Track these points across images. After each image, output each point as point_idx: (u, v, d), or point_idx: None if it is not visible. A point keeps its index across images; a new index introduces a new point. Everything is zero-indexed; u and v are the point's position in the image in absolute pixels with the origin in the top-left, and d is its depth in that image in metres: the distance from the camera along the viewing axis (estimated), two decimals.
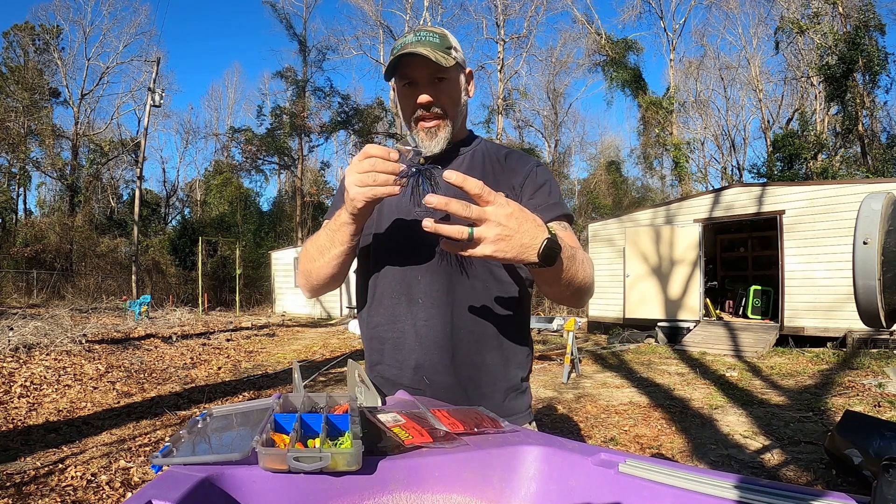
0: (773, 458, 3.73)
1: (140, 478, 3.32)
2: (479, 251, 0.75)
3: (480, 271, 1.06)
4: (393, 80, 1.09)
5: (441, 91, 1.05)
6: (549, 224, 0.82)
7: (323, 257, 1.02)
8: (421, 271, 1.06)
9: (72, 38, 33.37)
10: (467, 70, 1.12)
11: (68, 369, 6.14)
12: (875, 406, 4.88)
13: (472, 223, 0.74)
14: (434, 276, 1.05)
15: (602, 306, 12.28)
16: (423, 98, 1.04)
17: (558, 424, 4.66)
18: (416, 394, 0.99)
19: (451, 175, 0.72)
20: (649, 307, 10.96)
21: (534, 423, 1.15)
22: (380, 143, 0.90)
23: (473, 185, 0.72)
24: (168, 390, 5.89)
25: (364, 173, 0.84)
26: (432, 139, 1.07)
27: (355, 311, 1.23)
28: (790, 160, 21.71)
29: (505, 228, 0.74)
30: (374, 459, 0.63)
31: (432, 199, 0.72)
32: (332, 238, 0.99)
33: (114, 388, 5.75)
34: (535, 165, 1.14)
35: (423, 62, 1.00)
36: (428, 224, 0.75)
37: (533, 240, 0.76)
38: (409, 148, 0.88)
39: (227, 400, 5.67)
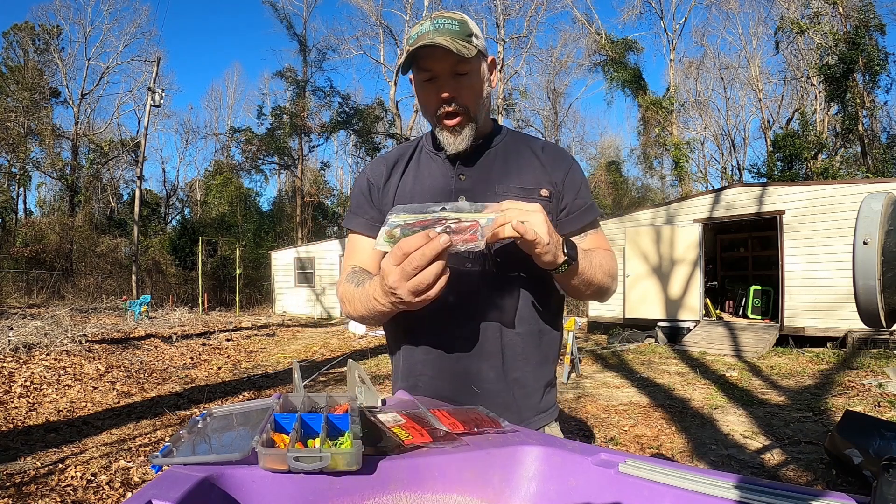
0: (773, 458, 3.73)
1: (140, 478, 3.32)
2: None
3: (520, 276, 1.03)
4: (410, 72, 1.03)
5: (463, 85, 1.00)
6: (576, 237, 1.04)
7: (366, 322, 1.04)
8: (464, 279, 1.01)
9: (72, 38, 33.40)
10: (489, 59, 1.06)
11: (68, 369, 6.13)
12: (875, 406, 4.88)
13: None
14: (478, 282, 1.02)
15: (602, 306, 12.25)
16: (445, 94, 1.00)
17: None
18: (463, 404, 0.95)
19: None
20: (649, 307, 10.95)
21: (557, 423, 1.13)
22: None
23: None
24: (168, 390, 5.89)
25: (416, 273, 0.77)
26: (456, 137, 1.03)
27: None
28: (790, 160, 21.71)
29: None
30: (374, 459, 0.63)
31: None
32: (372, 312, 0.95)
33: (114, 388, 5.75)
34: (573, 162, 1.13)
35: (442, 53, 0.95)
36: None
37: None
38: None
39: (227, 400, 5.67)
